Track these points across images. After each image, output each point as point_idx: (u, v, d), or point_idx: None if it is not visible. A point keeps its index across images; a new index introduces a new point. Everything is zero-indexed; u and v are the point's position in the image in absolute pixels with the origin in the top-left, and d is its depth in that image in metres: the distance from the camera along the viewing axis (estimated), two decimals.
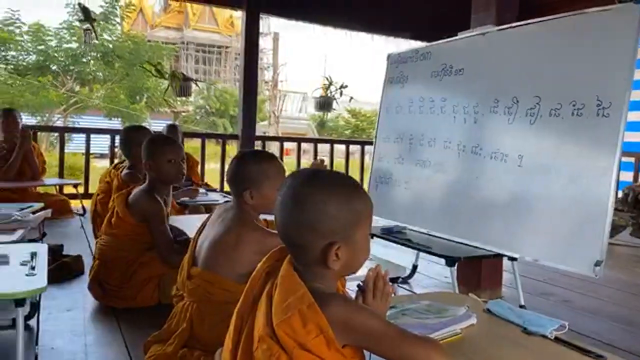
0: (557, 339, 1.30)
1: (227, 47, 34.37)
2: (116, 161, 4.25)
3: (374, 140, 3.62)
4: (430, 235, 2.87)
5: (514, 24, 2.63)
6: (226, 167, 5.95)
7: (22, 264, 1.76)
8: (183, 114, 26.07)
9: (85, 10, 4.83)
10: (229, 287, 1.85)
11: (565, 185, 2.22)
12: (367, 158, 7.17)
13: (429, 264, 3.54)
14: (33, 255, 1.85)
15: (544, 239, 2.29)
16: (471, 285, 2.95)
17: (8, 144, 4.46)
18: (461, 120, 2.82)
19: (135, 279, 2.47)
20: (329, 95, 6.20)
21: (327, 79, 6.10)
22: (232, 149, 7.28)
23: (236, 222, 1.89)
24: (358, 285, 1.26)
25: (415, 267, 3.40)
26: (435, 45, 3.16)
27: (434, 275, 3.48)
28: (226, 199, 3.70)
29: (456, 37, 3.00)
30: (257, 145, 6.37)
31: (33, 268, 1.73)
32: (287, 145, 7.54)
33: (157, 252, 2.50)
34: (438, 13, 5.32)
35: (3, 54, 17.00)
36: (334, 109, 6.70)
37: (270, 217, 2.18)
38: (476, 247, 2.58)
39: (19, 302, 1.52)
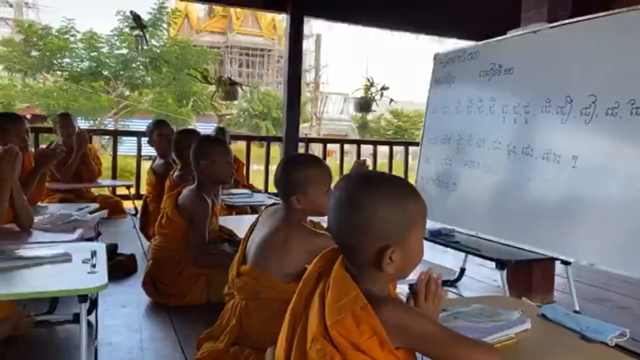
0: (617, 346, 1.25)
1: (269, 50, 34.79)
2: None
3: (420, 141, 3.58)
4: (478, 237, 2.82)
5: (567, 21, 2.56)
6: (270, 168, 6.06)
7: (83, 262, 1.84)
8: (227, 116, 26.58)
9: (136, 17, 5.01)
10: (275, 286, 1.89)
11: (623, 187, 2.14)
12: (410, 159, 7.10)
13: (476, 267, 3.48)
14: (93, 253, 1.94)
15: (599, 242, 2.21)
16: (522, 290, 2.87)
17: (66, 147, 4.66)
18: (511, 121, 2.76)
19: (185, 277, 2.54)
20: (369, 96, 6.18)
21: (368, 80, 6.08)
22: (276, 150, 7.37)
23: (284, 223, 1.93)
24: (410, 287, 1.26)
25: (463, 270, 3.35)
26: (483, 45, 3.10)
27: (482, 278, 3.41)
28: (271, 199, 3.75)
29: (505, 36, 2.94)
30: (301, 147, 6.42)
31: (94, 266, 1.81)
32: (329, 146, 7.56)
33: (190, 249, 2.55)
34: (486, 12, 5.21)
35: (59, 61, 17.83)
36: (374, 111, 6.67)
37: (317, 219, 2.21)
38: (527, 250, 2.52)
39: (82, 298, 1.60)
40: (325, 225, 2.15)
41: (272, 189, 5.88)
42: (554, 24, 2.63)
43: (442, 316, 1.34)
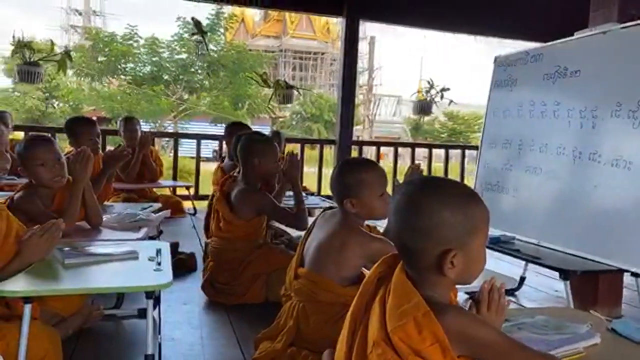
0: None
1: (322, 53, 35.00)
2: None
3: (478, 145, 3.50)
4: (539, 245, 2.72)
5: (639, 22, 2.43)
6: (324, 171, 6.10)
7: (149, 260, 1.92)
8: (281, 119, 26.97)
9: (197, 23, 5.18)
10: (333, 289, 1.90)
11: None
12: (466, 162, 6.94)
13: (535, 275, 3.36)
14: (158, 252, 2.02)
15: None
16: (586, 301, 2.74)
17: (131, 149, 4.88)
18: (577, 125, 2.65)
19: (244, 276, 2.60)
20: (428, 98, 6.09)
21: (428, 82, 6.00)
22: (329, 153, 7.41)
23: (340, 227, 1.94)
24: (470, 297, 1.24)
25: (522, 279, 3.24)
26: (547, 47, 3.00)
27: (543, 288, 3.29)
28: (326, 202, 3.77)
29: (572, 37, 2.82)
30: (354, 150, 6.42)
31: (159, 264, 1.88)
32: (382, 149, 7.51)
33: (292, 225, 2.62)
34: (551, 12, 5.03)
35: (123, 66, 18.69)
36: (433, 113, 6.57)
37: (374, 223, 2.21)
38: (592, 260, 2.41)
39: (149, 294, 1.67)
40: (381, 229, 2.16)
41: (325, 191, 5.92)
42: (626, 24, 2.50)
43: (505, 327, 1.31)
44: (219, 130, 20.13)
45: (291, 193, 3.78)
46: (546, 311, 1.59)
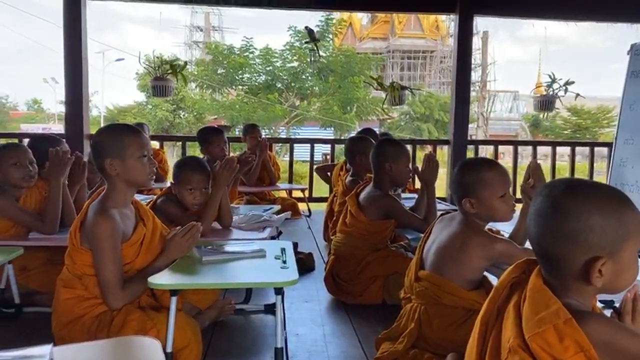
0: None
1: (432, 52, 34.26)
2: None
3: (613, 141, 3.21)
4: None
5: None
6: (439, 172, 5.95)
7: (275, 258, 2.04)
8: (388, 120, 26.85)
9: (310, 32, 5.36)
10: (456, 292, 1.87)
11: None
12: (595, 161, 6.36)
13: None
14: (283, 250, 2.13)
15: None
16: None
17: (253, 155, 5.17)
18: None
19: (363, 276, 2.64)
20: (551, 93, 5.69)
21: (549, 75, 5.61)
22: (443, 154, 7.22)
23: (461, 228, 1.90)
24: (613, 308, 1.16)
25: None
26: None
27: None
28: (441, 204, 3.70)
29: None
30: (469, 150, 6.20)
31: (284, 262, 1.99)
32: (500, 148, 7.14)
33: (420, 231, 2.59)
34: None
35: (240, 76, 19.90)
36: (557, 109, 6.12)
37: (497, 226, 2.13)
38: None
39: (278, 290, 1.78)
40: (506, 234, 2.07)
41: (438, 192, 5.77)
42: None
43: None
44: (329, 134, 20.65)
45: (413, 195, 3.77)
46: None
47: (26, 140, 4.88)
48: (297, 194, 5.97)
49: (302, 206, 5.56)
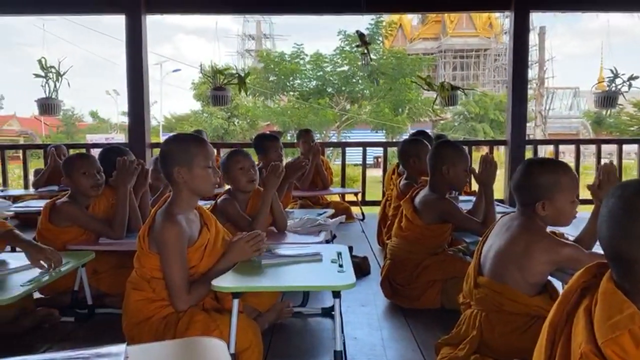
0: None
1: (485, 50, 33.43)
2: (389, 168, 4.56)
3: None
4: None
5: None
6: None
7: (332, 262, 2.05)
8: (441, 121, 26.39)
9: (361, 36, 5.36)
10: (518, 299, 1.82)
11: None
12: None
13: None
14: (339, 254, 2.15)
15: None
16: None
17: (307, 159, 5.23)
18: None
19: (420, 280, 2.61)
20: (613, 89, 5.42)
21: (611, 71, 5.35)
22: (499, 154, 7.04)
23: (523, 231, 1.85)
24: None
25: None
26: None
27: None
28: (498, 206, 3.59)
29: None
30: (528, 150, 6.00)
31: (341, 266, 2.00)
32: (560, 147, 6.86)
33: (479, 234, 2.56)
34: None
35: (291, 82, 20.19)
36: (621, 105, 5.82)
37: (561, 229, 2.05)
38: None
39: (336, 294, 1.79)
40: (570, 238, 1.99)
41: (496, 194, 5.61)
42: None
43: None
44: (380, 137, 20.54)
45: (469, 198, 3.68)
46: None
47: (93, 150, 5.18)
48: (350, 197, 5.98)
49: (355, 210, 5.57)
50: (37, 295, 2.54)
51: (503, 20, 29.82)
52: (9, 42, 59.87)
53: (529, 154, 6.16)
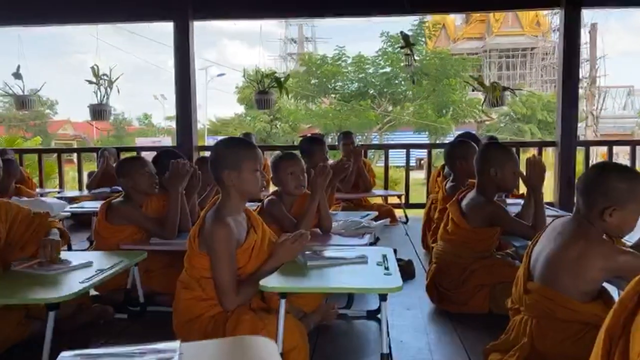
0: None
1: (532, 49, 32.51)
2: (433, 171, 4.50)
3: None
4: None
5: None
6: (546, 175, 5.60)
7: (377, 265, 2.05)
8: (487, 122, 25.79)
9: (405, 37, 5.33)
10: (571, 306, 1.77)
11: None
12: None
13: None
14: (384, 257, 2.14)
15: None
16: None
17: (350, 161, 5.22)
18: None
19: (468, 285, 2.57)
20: None
21: None
22: (547, 156, 6.82)
23: (578, 236, 1.78)
24: None
25: None
26: None
27: None
28: (548, 209, 3.49)
29: None
30: (579, 151, 5.79)
31: (387, 268, 2.00)
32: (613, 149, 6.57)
33: (528, 238, 2.49)
34: None
35: (333, 85, 20.25)
36: None
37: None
38: None
39: (383, 296, 1.79)
40: (628, 243, 1.91)
41: (547, 197, 5.43)
42: None
43: None
44: (423, 138, 20.29)
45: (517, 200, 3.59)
46: None
47: (144, 154, 5.35)
48: (392, 200, 5.94)
49: (397, 212, 5.52)
50: (92, 292, 2.65)
51: (551, 17, 28.89)
52: (64, 51, 62.80)
53: (580, 156, 5.95)
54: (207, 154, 4.67)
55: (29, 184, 5.09)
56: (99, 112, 5.49)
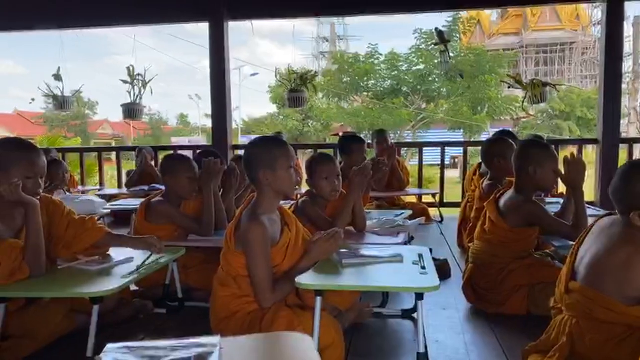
0: None
1: (571, 43, 31.58)
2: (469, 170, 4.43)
3: None
4: None
5: None
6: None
7: (413, 264, 2.04)
8: (523, 120, 25.20)
9: (440, 34, 5.26)
10: (614, 308, 1.71)
11: None
12: None
13: None
14: (420, 256, 2.13)
15: None
16: None
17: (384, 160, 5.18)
18: None
19: (505, 285, 2.52)
20: None
21: None
22: (587, 154, 6.62)
23: (624, 241, 1.73)
24: None
25: None
26: None
27: None
28: (589, 208, 3.38)
29: None
30: (622, 149, 5.59)
31: (423, 268, 1.98)
32: None
33: (569, 239, 2.43)
34: None
35: (365, 83, 20.15)
36: None
37: None
38: None
39: (420, 295, 1.78)
40: None
41: (587, 196, 5.27)
42: None
43: None
44: (458, 136, 19.98)
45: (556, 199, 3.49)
46: None
47: (181, 152, 5.46)
48: (426, 199, 5.87)
49: (432, 211, 5.46)
50: (132, 287, 2.72)
51: (592, 10, 27.99)
52: (103, 52, 64.79)
53: (623, 154, 5.75)
54: (242, 152, 4.73)
55: (72, 182, 5.27)
56: (131, 111, 5.62)
